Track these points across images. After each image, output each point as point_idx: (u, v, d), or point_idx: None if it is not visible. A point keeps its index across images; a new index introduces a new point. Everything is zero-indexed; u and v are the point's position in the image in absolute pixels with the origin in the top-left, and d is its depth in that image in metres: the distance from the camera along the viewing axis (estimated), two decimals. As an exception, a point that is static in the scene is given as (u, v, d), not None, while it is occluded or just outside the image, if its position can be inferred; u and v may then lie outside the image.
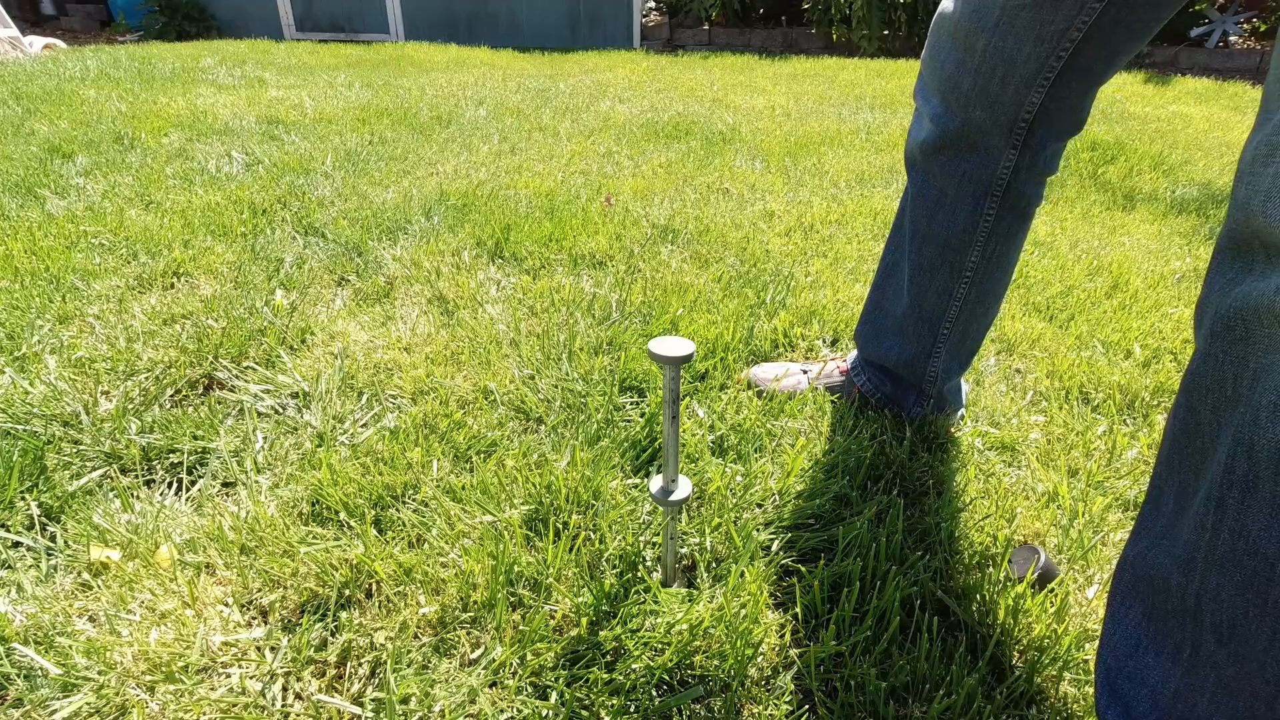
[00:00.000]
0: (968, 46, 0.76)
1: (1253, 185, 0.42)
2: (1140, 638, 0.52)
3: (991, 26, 0.73)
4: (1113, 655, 0.54)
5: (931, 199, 0.87)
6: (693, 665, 0.67)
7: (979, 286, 0.90)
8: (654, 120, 3.07)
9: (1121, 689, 0.54)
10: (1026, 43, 0.72)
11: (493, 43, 6.37)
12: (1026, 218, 0.87)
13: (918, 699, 0.65)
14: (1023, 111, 0.76)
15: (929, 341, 0.95)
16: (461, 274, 1.48)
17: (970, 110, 0.78)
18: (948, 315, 0.92)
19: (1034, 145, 0.80)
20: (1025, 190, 0.84)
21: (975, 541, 0.82)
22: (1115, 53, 0.72)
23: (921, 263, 0.91)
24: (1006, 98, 0.76)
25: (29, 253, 1.51)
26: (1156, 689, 0.51)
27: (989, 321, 0.95)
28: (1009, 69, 0.74)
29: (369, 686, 0.65)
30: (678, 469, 0.66)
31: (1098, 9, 0.68)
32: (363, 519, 0.82)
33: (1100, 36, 0.70)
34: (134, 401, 1.04)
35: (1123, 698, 0.53)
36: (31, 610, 0.71)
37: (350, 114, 3.03)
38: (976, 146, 0.81)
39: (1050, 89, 0.74)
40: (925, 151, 0.85)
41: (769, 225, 1.86)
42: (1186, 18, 5.36)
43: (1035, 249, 1.76)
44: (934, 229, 0.88)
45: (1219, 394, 0.44)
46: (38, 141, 2.42)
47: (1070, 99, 0.76)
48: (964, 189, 0.84)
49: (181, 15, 6.58)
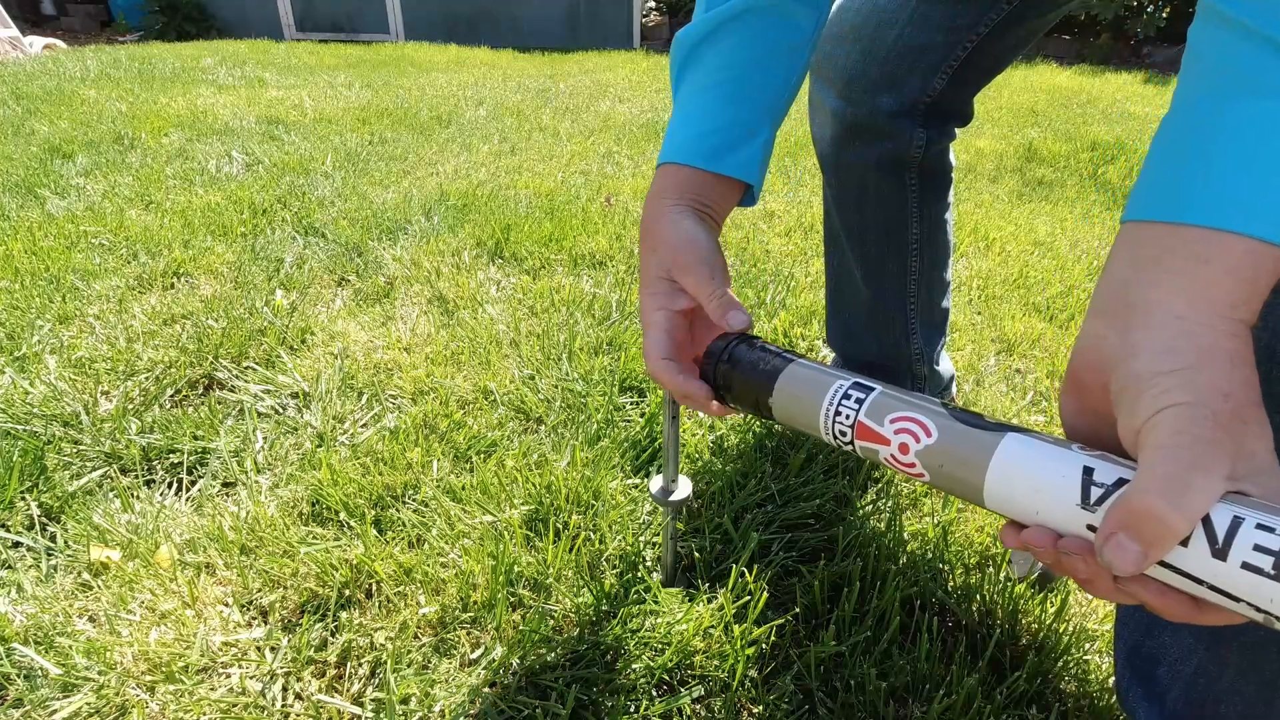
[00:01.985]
0: (876, 38, 0.79)
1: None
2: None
3: (905, 20, 0.77)
4: (1132, 633, 0.55)
5: (853, 194, 0.90)
6: (693, 665, 0.67)
7: (929, 254, 0.92)
8: (654, 120, 3.07)
9: (1142, 668, 0.54)
10: (938, 34, 0.76)
11: (493, 43, 6.37)
12: (948, 179, 0.91)
13: (918, 699, 0.65)
14: (924, 95, 0.80)
15: (902, 324, 0.97)
16: (461, 274, 1.48)
17: (877, 97, 0.81)
18: (909, 293, 0.94)
19: (936, 123, 0.83)
20: (939, 159, 0.88)
21: (975, 541, 0.82)
22: (1008, 50, 0.78)
23: (869, 254, 0.93)
24: (913, 83, 0.79)
25: (29, 253, 1.51)
26: (1177, 665, 0.51)
27: (947, 282, 0.98)
28: (917, 57, 0.77)
29: (369, 686, 0.65)
30: (678, 469, 0.66)
31: (1007, 9, 0.73)
32: (363, 519, 0.82)
33: (1000, 32, 0.75)
34: (134, 401, 1.04)
35: (1144, 676, 0.54)
36: (31, 610, 0.71)
37: (350, 114, 3.03)
38: (885, 132, 0.83)
39: (952, 77, 0.79)
40: (837, 145, 0.87)
41: (769, 225, 1.86)
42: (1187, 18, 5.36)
43: (1035, 249, 1.76)
44: (868, 220, 0.90)
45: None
46: (38, 141, 2.42)
47: (966, 90, 0.81)
48: (883, 173, 0.86)
49: (182, 15, 6.58)
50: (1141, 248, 0.33)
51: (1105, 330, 0.33)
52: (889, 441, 0.39)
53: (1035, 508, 0.33)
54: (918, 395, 0.40)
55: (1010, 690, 0.65)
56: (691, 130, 0.53)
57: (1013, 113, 3.44)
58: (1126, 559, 0.28)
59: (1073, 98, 3.87)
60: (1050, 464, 0.33)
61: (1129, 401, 0.31)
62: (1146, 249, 0.33)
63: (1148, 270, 0.32)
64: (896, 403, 0.40)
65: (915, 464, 0.38)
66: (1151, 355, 0.30)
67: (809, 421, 0.43)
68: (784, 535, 0.82)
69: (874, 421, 0.40)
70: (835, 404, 0.41)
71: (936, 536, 0.82)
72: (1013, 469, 0.34)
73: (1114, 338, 0.32)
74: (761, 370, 0.46)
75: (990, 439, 0.35)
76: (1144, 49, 5.54)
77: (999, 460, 0.34)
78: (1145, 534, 0.28)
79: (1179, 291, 0.31)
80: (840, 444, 0.42)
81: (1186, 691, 0.51)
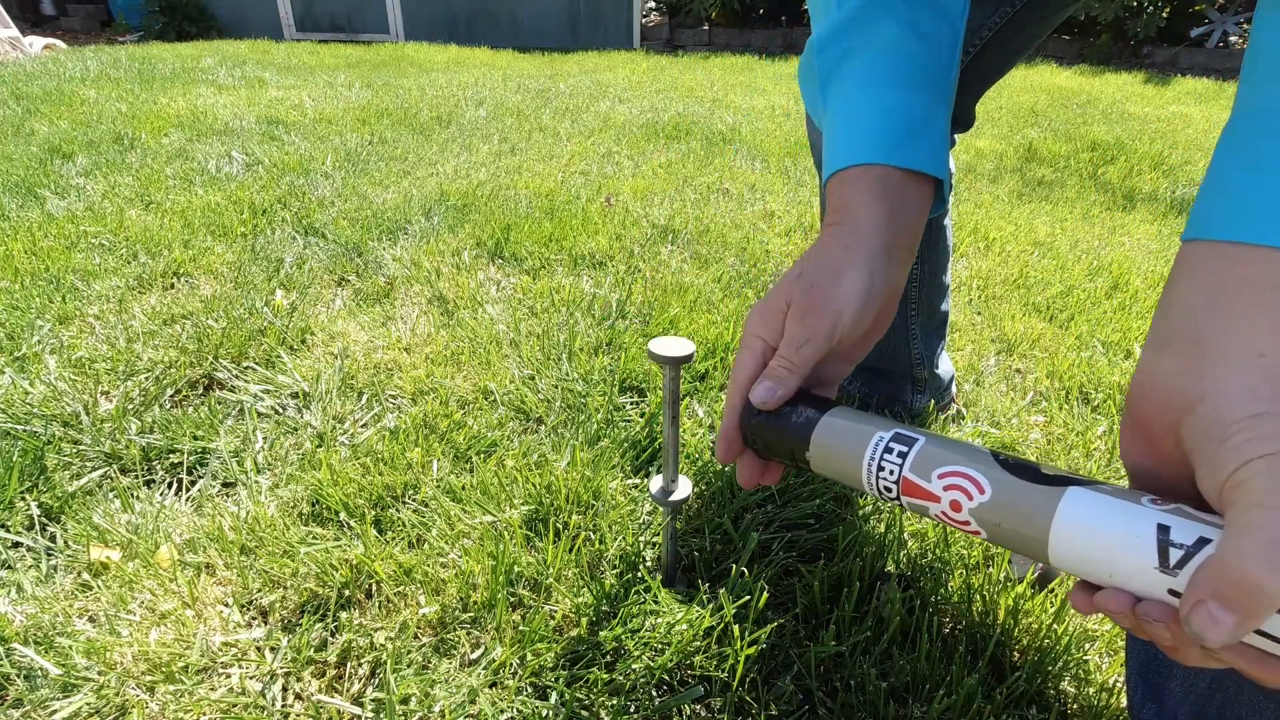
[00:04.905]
0: None
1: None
2: None
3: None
4: (1145, 647, 0.52)
5: None
6: (693, 665, 0.67)
7: (929, 261, 0.92)
8: (654, 120, 3.07)
9: (1155, 682, 0.52)
10: None
11: (493, 43, 6.37)
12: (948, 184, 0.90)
13: (918, 699, 0.65)
14: None
15: (902, 330, 0.97)
16: (461, 274, 1.48)
17: None
18: (910, 298, 0.95)
19: None
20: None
21: (975, 541, 0.82)
22: (1008, 57, 0.76)
23: None
24: None
25: (29, 253, 1.51)
26: (1191, 680, 0.49)
27: (946, 286, 0.98)
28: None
29: (369, 687, 0.65)
30: (678, 469, 0.66)
31: (1010, 12, 0.71)
32: (363, 519, 0.82)
33: (1001, 39, 0.73)
34: (134, 402, 1.04)
35: (1157, 691, 0.52)
36: (31, 610, 0.71)
37: (350, 114, 3.03)
38: None
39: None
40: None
41: (769, 225, 1.86)
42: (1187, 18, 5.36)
43: (1035, 249, 1.76)
44: None
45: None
46: (38, 141, 2.42)
47: (966, 96, 0.79)
48: None
49: (181, 15, 6.58)
50: (1212, 272, 0.29)
51: (1173, 366, 0.30)
52: (938, 499, 0.36)
53: (1108, 570, 0.30)
54: (965, 445, 0.37)
55: (1010, 690, 0.65)
56: (873, 124, 0.45)
57: (1013, 113, 3.44)
58: (1219, 631, 0.26)
59: (1073, 98, 3.87)
60: (1120, 522, 0.30)
61: (1209, 450, 0.28)
62: (1218, 274, 0.29)
63: (1222, 299, 0.29)
64: (943, 454, 0.37)
65: (970, 522, 0.35)
66: (1232, 399, 0.27)
67: (851, 475, 0.40)
68: (784, 535, 0.82)
69: (920, 477, 0.37)
70: (878, 459, 0.39)
71: (937, 536, 0.82)
72: (1079, 529, 0.31)
73: (1184, 376, 0.29)
74: (794, 423, 0.43)
75: (1050, 495, 0.32)
76: (1144, 49, 5.54)
77: (1062, 520, 0.32)
78: (1242, 604, 0.25)
79: (1261, 326, 0.27)
80: (887, 499, 0.39)
81: (1201, 707, 0.49)
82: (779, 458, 0.46)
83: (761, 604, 0.70)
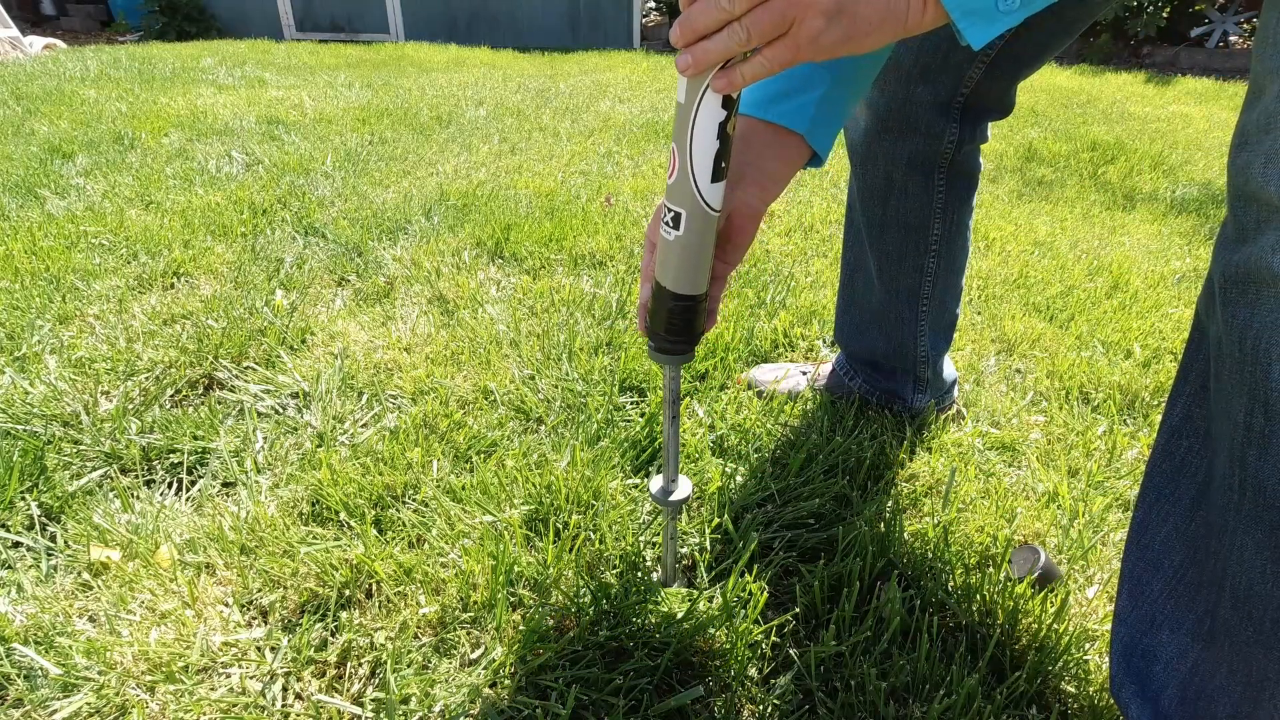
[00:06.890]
0: None
1: (1254, 150, 0.43)
2: (1158, 613, 0.53)
3: None
4: (1129, 630, 0.55)
5: (880, 188, 0.90)
6: (693, 665, 0.67)
7: (946, 257, 0.93)
8: (654, 120, 3.07)
9: (1138, 665, 0.54)
10: None
11: (493, 43, 6.37)
12: (975, 181, 0.91)
13: (918, 699, 0.65)
14: (961, 87, 0.80)
15: (911, 323, 0.97)
16: (461, 274, 1.48)
17: (912, 87, 0.80)
18: (923, 293, 0.95)
19: (971, 120, 0.83)
20: (969, 159, 0.88)
21: (975, 541, 0.82)
22: (1046, 43, 0.77)
23: (887, 250, 0.93)
24: (948, 73, 0.79)
25: (29, 253, 1.51)
26: (1172, 664, 0.52)
27: (960, 288, 0.98)
28: (952, 45, 0.77)
29: (369, 686, 0.65)
30: (678, 469, 0.66)
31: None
32: (363, 519, 0.82)
33: (1036, 22, 0.73)
34: (134, 402, 1.04)
35: (1139, 673, 0.54)
36: (31, 610, 0.71)
37: (350, 114, 3.03)
38: (918, 126, 0.83)
39: (988, 67, 0.78)
40: (868, 137, 0.87)
41: (769, 225, 1.86)
42: (1187, 18, 5.36)
43: (1035, 249, 1.76)
44: (890, 215, 0.91)
45: (1232, 357, 0.44)
46: (38, 141, 2.42)
47: (1002, 81, 0.80)
48: (912, 170, 0.86)
49: (181, 15, 6.57)
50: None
51: None
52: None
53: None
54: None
55: (1010, 690, 0.65)
56: (757, 85, 0.55)
57: (1013, 112, 3.44)
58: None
59: (1073, 98, 3.87)
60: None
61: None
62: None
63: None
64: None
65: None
66: None
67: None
68: (784, 535, 0.82)
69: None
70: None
71: (936, 536, 0.82)
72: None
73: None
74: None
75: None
76: (1144, 49, 5.54)
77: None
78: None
79: None
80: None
81: (1182, 690, 0.51)
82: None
83: (761, 604, 0.70)
